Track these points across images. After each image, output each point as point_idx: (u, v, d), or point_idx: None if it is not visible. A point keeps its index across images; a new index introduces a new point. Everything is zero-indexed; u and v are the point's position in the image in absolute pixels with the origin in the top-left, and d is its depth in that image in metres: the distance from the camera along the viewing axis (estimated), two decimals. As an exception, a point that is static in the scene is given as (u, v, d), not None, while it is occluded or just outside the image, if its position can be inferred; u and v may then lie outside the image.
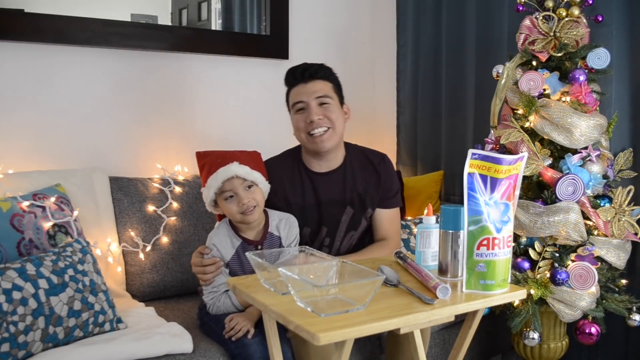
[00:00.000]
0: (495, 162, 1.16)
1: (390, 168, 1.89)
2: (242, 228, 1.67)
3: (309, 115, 1.74)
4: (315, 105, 1.74)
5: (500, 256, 1.18)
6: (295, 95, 1.78)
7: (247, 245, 1.66)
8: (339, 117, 1.77)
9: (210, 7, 2.33)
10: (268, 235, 1.69)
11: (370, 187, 1.84)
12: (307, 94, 1.75)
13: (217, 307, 1.62)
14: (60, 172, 1.87)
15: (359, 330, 1.00)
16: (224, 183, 1.60)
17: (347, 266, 1.19)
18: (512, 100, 1.92)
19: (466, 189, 1.16)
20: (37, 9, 1.92)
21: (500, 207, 1.18)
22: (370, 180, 1.84)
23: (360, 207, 1.83)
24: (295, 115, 1.79)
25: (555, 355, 1.97)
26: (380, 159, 1.88)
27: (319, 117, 1.74)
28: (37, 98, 1.98)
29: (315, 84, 1.76)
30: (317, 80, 1.76)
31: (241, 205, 1.60)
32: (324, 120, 1.74)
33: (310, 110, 1.74)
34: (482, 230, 1.17)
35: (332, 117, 1.75)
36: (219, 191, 1.61)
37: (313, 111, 1.73)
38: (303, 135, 1.78)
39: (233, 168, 1.60)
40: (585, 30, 1.85)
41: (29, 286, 1.37)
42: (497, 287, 1.19)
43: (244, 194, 1.61)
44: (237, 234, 1.66)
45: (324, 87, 1.77)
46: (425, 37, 2.66)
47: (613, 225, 1.79)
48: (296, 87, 1.78)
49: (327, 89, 1.77)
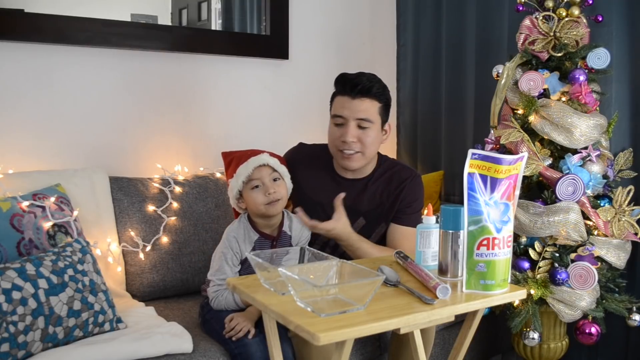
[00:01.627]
0: (496, 162, 1.16)
1: (416, 187, 1.80)
2: (261, 224, 1.68)
3: (344, 134, 1.69)
4: (354, 126, 1.69)
5: (500, 256, 1.18)
6: (338, 107, 1.72)
7: (264, 240, 1.67)
8: (374, 142, 1.72)
9: (210, 7, 2.33)
10: (282, 233, 1.70)
11: (388, 202, 1.77)
12: (349, 111, 1.68)
13: (219, 301, 1.63)
14: (60, 172, 1.87)
15: (359, 330, 1.00)
16: (254, 170, 1.62)
17: (347, 266, 1.19)
18: (512, 100, 1.92)
19: (466, 189, 1.16)
20: (37, 9, 1.92)
21: (500, 207, 1.18)
22: (391, 195, 1.77)
23: (374, 220, 1.78)
24: (332, 126, 1.74)
25: (555, 355, 1.97)
26: (409, 176, 1.80)
27: (353, 140, 1.69)
28: (37, 98, 1.97)
29: (362, 102, 1.68)
30: (365, 99, 1.68)
31: (267, 195, 1.61)
32: (357, 144, 1.70)
33: (347, 130, 1.68)
34: (482, 230, 1.17)
35: (367, 142, 1.70)
36: (247, 179, 1.62)
37: (350, 132, 1.68)
38: (334, 149, 1.75)
39: (264, 157, 1.64)
40: (585, 30, 1.86)
41: (28, 286, 1.37)
42: (497, 287, 1.19)
43: (271, 184, 1.63)
44: (254, 229, 1.68)
45: (369, 108, 1.69)
46: (425, 38, 2.66)
47: (613, 225, 1.79)
48: (343, 96, 1.71)
49: (372, 110, 1.70)
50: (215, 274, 1.64)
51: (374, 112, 1.70)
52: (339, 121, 1.71)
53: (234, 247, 1.64)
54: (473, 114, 2.46)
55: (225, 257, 1.64)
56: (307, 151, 1.90)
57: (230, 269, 1.63)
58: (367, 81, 1.69)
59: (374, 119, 1.70)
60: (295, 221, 1.72)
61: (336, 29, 2.66)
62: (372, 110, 1.70)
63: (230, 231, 1.67)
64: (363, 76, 1.70)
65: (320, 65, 2.60)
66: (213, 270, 1.66)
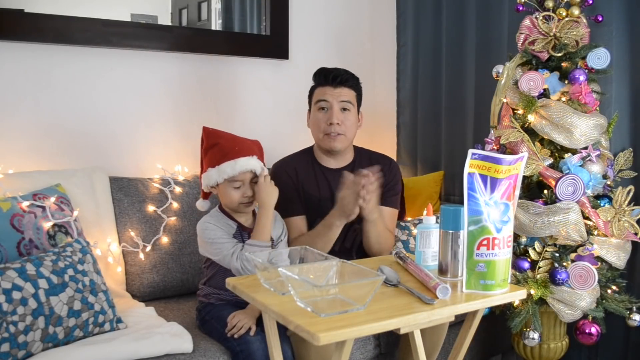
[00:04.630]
0: (495, 162, 1.16)
1: (396, 171, 2.02)
2: (234, 215, 1.71)
3: (330, 117, 1.87)
4: (338, 109, 1.88)
5: (500, 256, 1.18)
6: (321, 94, 1.90)
7: (242, 231, 1.70)
8: (353, 125, 1.92)
9: (210, 7, 2.33)
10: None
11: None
12: (333, 96, 1.88)
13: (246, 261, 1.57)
14: (61, 172, 1.87)
15: (359, 330, 1.00)
16: (239, 173, 1.64)
17: (347, 266, 1.19)
18: (512, 100, 1.92)
19: (466, 189, 1.16)
20: (37, 9, 1.92)
21: (500, 207, 1.18)
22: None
23: None
24: (316, 112, 1.91)
25: (555, 355, 1.97)
26: (389, 162, 2.01)
27: (338, 121, 1.87)
28: (37, 98, 1.98)
29: (342, 90, 1.89)
30: (344, 88, 1.90)
31: (245, 197, 1.66)
32: (341, 126, 1.88)
33: (332, 112, 1.87)
34: (482, 230, 1.17)
35: (348, 124, 1.89)
36: (231, 179, 1.65)
37: (335, 114, 1.87)
38: (320, 133, 1.91)
39: (253, 163, 1.67)
40: (585, 30, 1.85)
41: (28, 286, 1.37)
42: (497, 287, 1.19)
43: (250, 186, 1.67)
44: (231, 219, 1.70)
45: (348, 95, 1.90)
46: (425, 37, 2.66)
47: (613, 225, 1.79)
48: (324, 87, 1.90)
49: (351, 96, 1.91)
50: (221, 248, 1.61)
51: (352, 98, 1.92)
52: (323, 105, 1.89)
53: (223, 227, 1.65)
54: (473, 114, 2.46)
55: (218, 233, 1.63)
56: (288, 162, 1.98)
57: (228, 237, 1.63)
58: (345, 73, 1.91)
59: (354, 104, 1.92)
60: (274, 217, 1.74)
61: (336, 29, 2.66)
62: (351, 97, 1.91)
63: (205, 220, 1.67)
64: (340, 69, 1.92)
65: (320, 65, 2.56)
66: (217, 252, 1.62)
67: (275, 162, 2.01)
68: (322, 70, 1.93)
